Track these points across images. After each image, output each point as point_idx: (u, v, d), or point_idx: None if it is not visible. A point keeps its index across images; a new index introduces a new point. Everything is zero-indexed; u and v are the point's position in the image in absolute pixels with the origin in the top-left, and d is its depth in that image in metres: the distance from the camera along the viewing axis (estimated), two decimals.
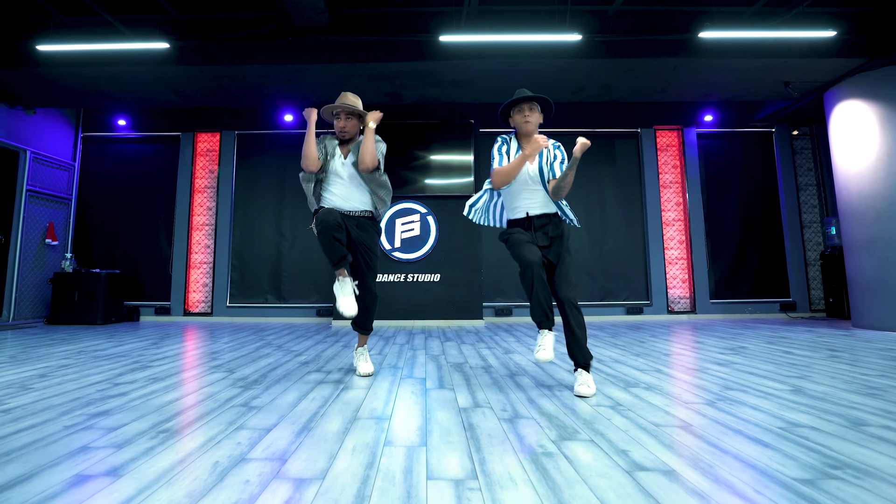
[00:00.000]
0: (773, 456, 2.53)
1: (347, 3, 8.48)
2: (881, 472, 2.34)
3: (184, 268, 11.48)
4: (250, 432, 2.95)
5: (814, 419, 3.19)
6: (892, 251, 8.43)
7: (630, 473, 2.32)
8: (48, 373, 4.85)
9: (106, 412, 3.39)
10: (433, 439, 2.83)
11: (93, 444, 2.74)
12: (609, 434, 2.90)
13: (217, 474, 2.32)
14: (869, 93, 8.85)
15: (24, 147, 10.31)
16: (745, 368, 5.01)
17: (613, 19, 8.55)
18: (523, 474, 2.32)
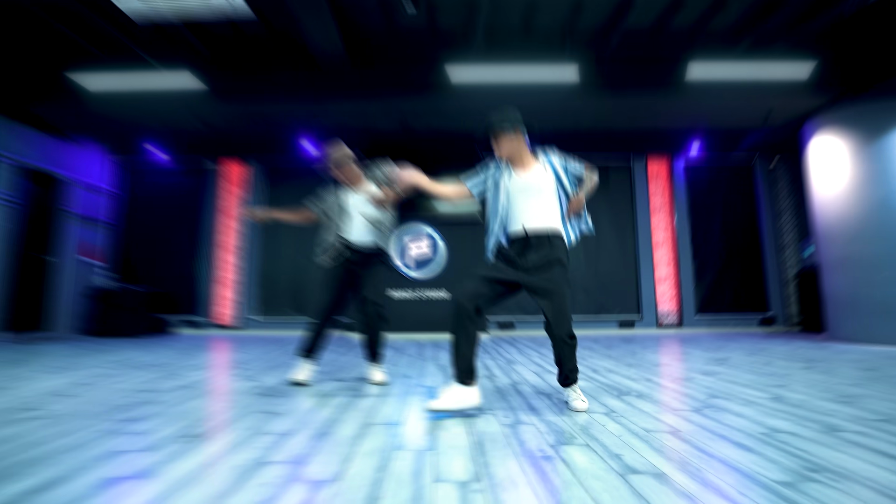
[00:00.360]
0: (755, 460, 2.49)
1: (363, 40, 8.49)
2: (856, 475, 2.30)
3: (214, 285, 11.52)
4: (271, 437, 2.93)
5: (793, 425, 3.15)
6: (864, 270, 8.38)
7: (623, 476, 2.29)
8: (86, 381, 4.84)
9: (138, 418, 3.36)
10: (441, 444, 2.80)
11: (124, 447, 2.71)
12: (603, 439, 2.86)
13: (239, 476, 2.29)
14: (843, 125, 8.80)
15: (70, 174, 10.38)
16: (729, 378, 4.97)
17: (609, 55, 8.58)
18: (524, 477, 2.29)
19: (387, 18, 7.95)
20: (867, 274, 8.36)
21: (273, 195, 11.74)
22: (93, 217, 11.05)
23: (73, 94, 8.63)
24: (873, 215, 8.35)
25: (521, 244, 3.84)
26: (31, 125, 9.45)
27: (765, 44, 8.38)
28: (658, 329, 11.31)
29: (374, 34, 8.40)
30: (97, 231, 11.21)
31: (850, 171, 8.67)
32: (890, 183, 8.30)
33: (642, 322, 11.33)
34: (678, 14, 7.94)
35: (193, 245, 11.74)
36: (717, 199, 12.00)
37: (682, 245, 11.63)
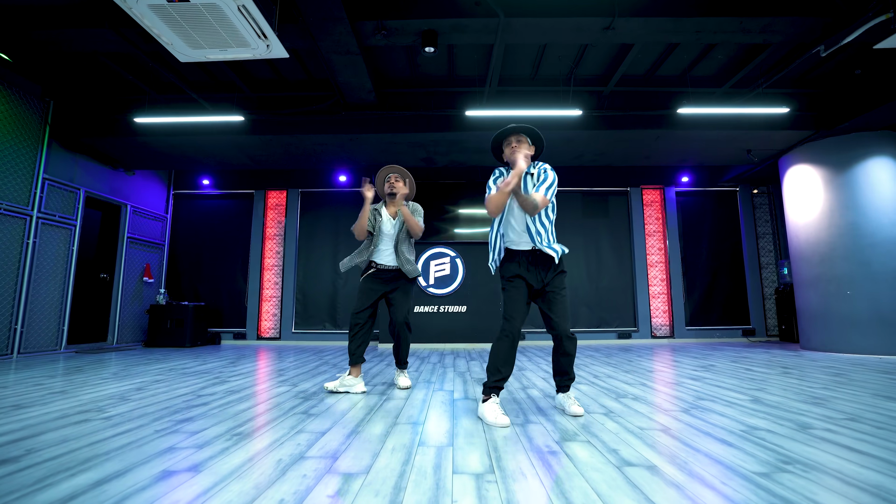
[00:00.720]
0: (736, 454, 2.51)
1: (390, 84, 8.60)
2: (824, 466, 2.32)
3: (257, 301, 11.53)
4: (309, 435, 2.97)
5: (769, 423, 3.16)
6: (833, 287, 8.41)
7: (619, 468, 2.31)
8: (144, 387, 4.88)
9: (190, 419, 3.41)
10: (459, 441, 2.83)
11: (178, 445, 2.76)
12: (602, 436, 2.88)
13: (280, 470, 2.34)
14: (816, 159, 8.85)
15: (125, 202, 10.48)
16: (714, 382, 4.95)
17: (607, 98, 8.61)
18: (532, 469, 2.32)
19: (411, 65, 8.07)
20: (836, 291, 8.40)
21: (309, 220, 11.81)
22: (150, 240, 11.16)
23: (131, 131, 8.75)
24: (842, 239, 8.40)
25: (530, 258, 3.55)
26: (96, 159, 9.59)
27: (745, 87, 8.41)
28: (652, 340, 11.24)
29: (400, 80, 8.54)
30: (153, 253, 11.33)
31: (821, 199, 8.71)
32: (857, 210, 8.34)
33: (638, 334, 11.26)
34: (667, 63, 8.03)
35: (239, 265, 11.80)
36: (705, 224, 11.96)
37: (673, 265, 11.58)
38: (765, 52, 7.42)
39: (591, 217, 11.77)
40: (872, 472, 2.26)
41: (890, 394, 4.30)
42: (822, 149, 8.80)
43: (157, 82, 8.57)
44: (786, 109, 7.86)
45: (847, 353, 8.15)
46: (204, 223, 12.05)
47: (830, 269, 8.48)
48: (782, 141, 9.02)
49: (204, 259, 11.88)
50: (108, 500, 1.99)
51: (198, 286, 11.76)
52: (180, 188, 12.11)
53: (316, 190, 11.92)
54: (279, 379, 5.43)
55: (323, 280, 11.55)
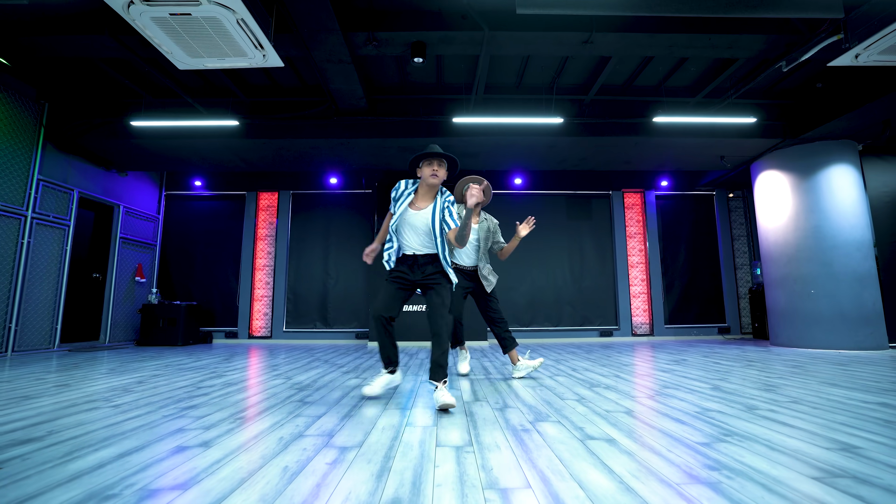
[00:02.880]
0: (686, 430, 2.81)
1: (380, 91, 8.84)
2: (758, 437, 2.63)
3: (248, 300, 11.69)
4: (306, 418, 3.22)
5: (722, 406, 3.46)
6: (799, 286, 8.81)
7: (582, 441, 2.60)
8: (144, 380, 5.05)
9: (194, 406, 3.63)
10: (443, 421, 3.11)
11: (187, 427, 2.99)
12: (572, 418, 3.17)
13: (282, 445, 2.60)
14: (783, 165, 9.25)
15: (118, 202, 10.57)
16: (682, 374, 5.24)
17: (588, 106, 8.92)
18: (506, 443, 2.60)
19: (401, 73, 8.33)
20: (801, 290, 8.80)
21: (299, 218, 12.03)
22: (143, 240, 11.29)
23: (126, 134, 8.89)
24: (806, 241, 8.82)
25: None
26: (91, 160, 9.73)
27: (717, 97, 8.75)
28: (633, 338, 11.50)
29: (390, 87, 8.79)
30: (145, 253, 11.45)
31: (789, 204, 9.12)
32: (820, 214, 8.76)
33: (619, 332, 11.52)
34: (644, 74, 8.34)
35: (231, 265, 11.95)
36: (684, 227, 12.28)
37: (653, 266, 11.86)
38: (733, 65, 7.77)
39: (575, 219, 12.05)
40: (796, 441, 2.57)
41: (835, 381, 4.65)
42: (789, 156, 9.20)
43: (153, 86, 8.72)
44: (753, 119, 8.19)
45: (811, 348, 8.55)
46: (196, 224, 12.18)
47: (796, 270, 8.88)
48: (753, 148, 9.38)
49: (196, 259, 12.01)
50: (133, 467, 2.25)
51: (190, 286, 11.89)
52: (172, 189, 12.23)
53: (307, 192, 12.10)
54: (274, 373, 5.64)
55: (314, 280, 11.72)
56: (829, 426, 2.92)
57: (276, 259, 11.81)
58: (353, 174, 11.73)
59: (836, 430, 2.83)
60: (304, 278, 11.80)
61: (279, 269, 11.75)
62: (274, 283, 11.72)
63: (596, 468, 2.21)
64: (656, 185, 12.14)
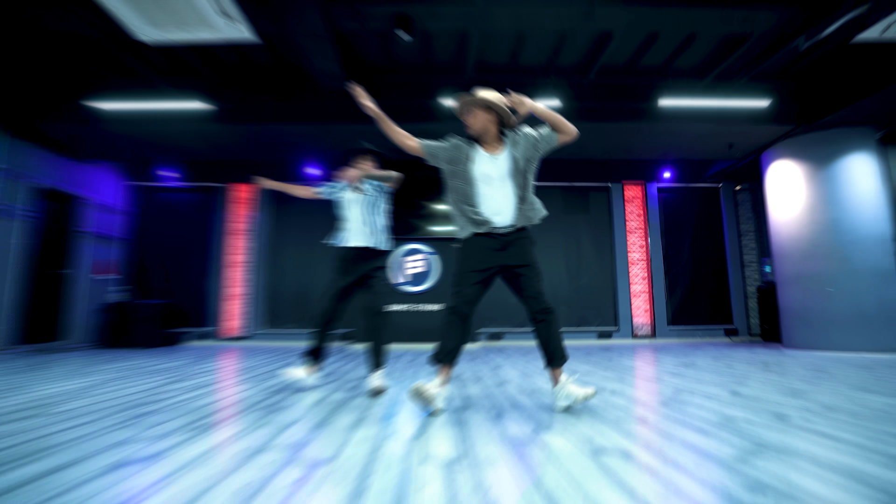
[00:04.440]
0: (711, 441, 2.56)
1: (363, 70, 8.59)
2: (797, 451, 2.39)
3: (223, 299, 11.45)
4: (273, 427, 2.97)
5: (747, 414, 3.22)
6: (815, 284, 8.58)
7: (593, 456, 2.35)
8: (98, 384, 4.81)
9: (148, 413, 3.39)
10: (429, 432, 2.86)
11: (134, 437, 2.74)
12: (577, 427, 2.92)
13: (244, 457, 2.34)
14: (797, 154, 9.01)
15: (83, 193, 10.32)
16: (694, 378, 5.02)
17: (588, 88, 8.68)
18: (503, 457, 2.35)
19: (385, 52, 8.09)
20: (817, 289, 8.56)
21: (277, 211, 11.76)
22: (106, 234, 11.02)
23: (88, 117, 8.63)
24: (823, 236, 8.57)
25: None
26: (48, 146, 9.43)
27: (726, 79, 8.54)
28: (633, 340, 11.34)
29: (374, 66, 8.54)
30: (111, 247, 11.18)
31: (803, 195, 8.88)
32: (837, 207, 8.52)
33: (619, 333, 11.35)
34: (649, 53, 8.11)
35: (203, 261, 11.69)
36: (687, 221, 12.11)
37: (655, 263, 11.70)
38: (746, 43, 7.50)
39: (571, 213, 11.85)
40: (846, 456, 2.32)
41: (867, 387, 4.41)
42: (804, 144, 8.97)
43: (117, 66, 8.43)
44: (767, 102, 8.02)
45: (829, 350, 8.31)
46: (165, 217, 11.91)
47: (812, 267, 8.65)
48: (764, 135, 9.18)
49: (164, 255, 11.74)
50: (58, 487, 1.98)
51: (161, 283, 11.58)
52: (142, 180, 11.90)
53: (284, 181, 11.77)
54: (245, 376, 5.42)
55: (295, 278, 11.51)
56: (879, 438, 2.67)
57: (253, 255, 11.56)
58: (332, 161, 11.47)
59: (889, 443, 2.58)
60: (285, 275, 11.58)
61: (256, 266, 11.51)
62: (252, 281, 11.47)
63: (615, 490, 1.94)
64: (658, 177, 11.96)
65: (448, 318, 3.62)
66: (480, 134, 3.70)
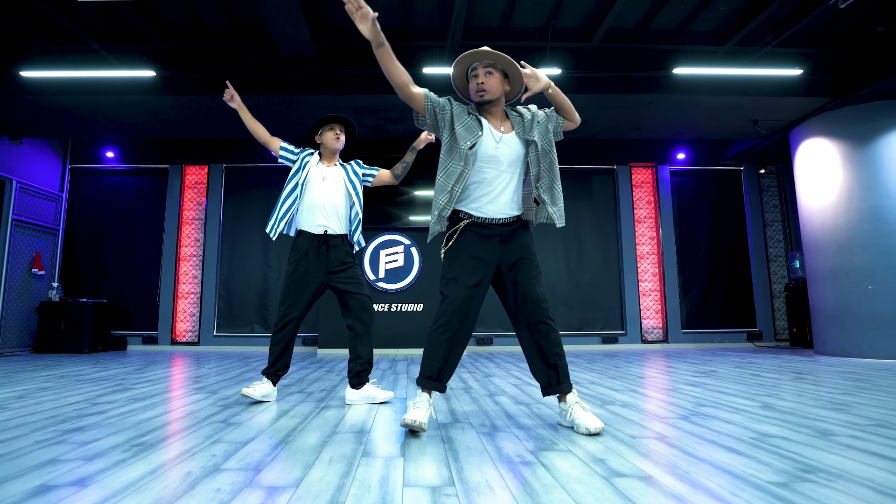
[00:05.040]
0: (747, 462, 2.48)
1: (334, 35, 8.52)
2: (852, 475, 2.30)
3: (171, 298, 11.37)
4: (226, 445, 2.87)
5: (784, 430, 3.15)
6: (852, 281, 8.53)
7: (608, 479, 2.25)
8: (26, 394, 4.73)
9: (80, 428, 3.29)
10: (411, 450, 2.76)
11: (62, 456, 2.64)
12: (586, 445, 2.84)
13: (188, 483, 2.23)
14: (832, 131, 8.97)
15: (10, 177, 10.16)
16: (717, 388, 4.97)
17: (591, 56, 8.65)
18: (501, 481, 2.25)
19: None
20: (855, 286, 8.52)
21: (233, 198, 11.64)
22: (38, 224, 10.87)
23: (17, 89, 8.49)
24: (862, 225, 8.52)
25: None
26: None
27: (751, 45, 8.49)
28: (643, 345, 11.35)
29: (346, 31, 8.45)
30: (45, 239, 11.05)
31: (839, 179, 8.83)
32: (879, 192, 8.47)
33: (626, 338, 11.36)
34: (662, 14, 8.07)
35: (149, 254, 11.61)
36: (705, 209, 12.13)
37: (667, 257, 11.71)
38: (772, 4, 7.46)
39: (571, 200, 11.82)
40: None
41: None
42: (840, 119, 8.91)
43: (50, 30, 8.34)
44: (798, 71, 7.97)
45: (869, 357, 8.29)
46: (108, 204, 11.83)
47: (849, 261, 8.60)
48: (794, 110, 9.15)
49: (107, 247, 11.66)
50: None
51: (99, 280, 11.54)
52: (79, 161, 11.85)
53: (244, 165, 11.79)
54: (195, 386, 5.33)
55: (251, 273, 11.44)
56: None
57: (206, 247, 11.50)
58: (299, 142, 11.35)
59: None
60: (240, 272, 11.52)
61: (209, 260, 11.44)
62: (203, 277, 11.41)
63: None
64: (671, 159, 11.94)
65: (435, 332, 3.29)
66: (493, 102, 3.41)
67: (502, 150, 3.35)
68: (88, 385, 5.35)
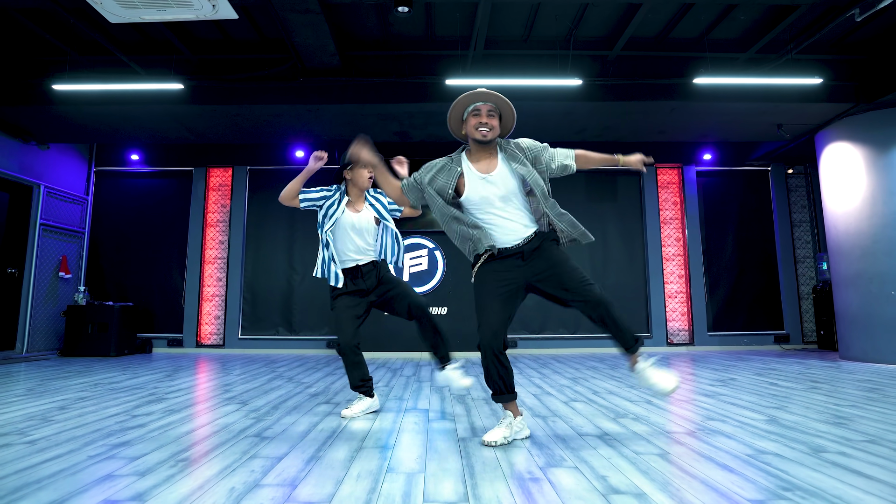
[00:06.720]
0: (735, 480, 2.75)
1: (357, 46, 8.74)
2: (825, 492, 2.56)
3: (196, 300, 11.62)
4: (263, 461, 3.17)
5: (780, 446, 3.41)
6: (876, 286, 8.66)
7: (605, 496, 2.55)
8: (67, 405, 5.02)
9: (127, 442, 3.58)
10: (431, 466, 3.06)
11: (117, 472, 2.93)
12: (592, 461, 3.12)
13: (233, 499, 2.53)
14: (856, 136, 9.10)
15: (38, 182, 10.41)
16: (730, 400, 5.21)
17: (613, 64, 8.84)
18: (510, 498, 2.55)
19: (383, 27, 8.26)
20: (878, 291, 8.65)
21: (260, 203, 11.91)
22: (65, 227, 11.15)
23: (48, 99, 8.79)
24: (885, 231, 8.64)
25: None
26: (2, 130, 9.57)
27: (773, 52, 8.66)
28: (668, 348, 11.49)
29: (369, 42, 8.70)
30: (71, 242, 11.35)
31: (863, 183, 8.96)
32: None
33: (652, 341, 11.49)
34: (683, 23, 8.25)
35: (174, 257, 11.90)
36: (731, 210, 12.22)
37: (693, 258, 11.83)
38: (794, 13, 7.62)
39: (597, 201, 11.97)
40: (875, 499, 2.51)
41: None
42: (864, 124, 9.03)
43: (80, 42, 8.63)
44: (819, 80, 8.14)
45: (892, 363, 8.39)
46: (133, 207, 12.09)
47: (872, 266, 8.74)
48: (817, 115, 9.30)
49: (132, 250, 11.94)
50: None
51: (125, 283, 11.83)
52: (104, 165, 12.15)
53: (268, 168, 12.03)
54: (226, 396, 5.62)
55: (276, 276, 11.67)
56: None
57: (231, 250, 11.77)
58: (322, 147, 11.54)
59: None
60: (264, 274, 11.75)
61: (234, 262, 11.71)
62: (227, 280, 11.68)
63: None
64: (697, 160, 12.05)
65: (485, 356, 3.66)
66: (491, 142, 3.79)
67: (490, 189, 3.71)
68: (124, 394, 5.65)
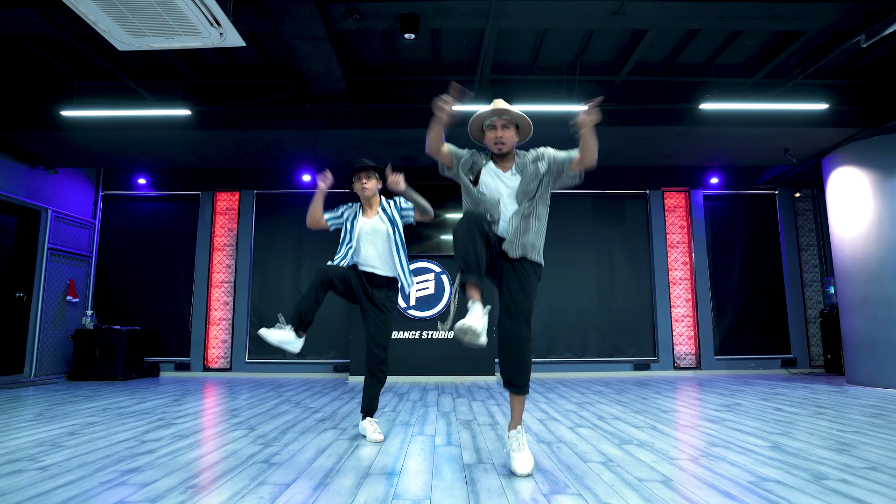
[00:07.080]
0: None
1: (364, 71, 8.88)
2: None
3: (203, 324, 11.68)
4: (271, 487, 3.23)
5: (782, 474, 3.46)
6: (883, 311, 8.70)
7: None
8: (76, 430, 5.08)
9: (137, 469, 3.64)
10: (437, 494, 3.12)
11: (128, 498, 2.99)
12: (596, 489, 3.18)
13: None
14: (863, 160, 9.16)
15: (46, 206, 10.50)
16: (734, 425, 5.26)
17: (619, 89, 8.95)
18: None
19: (390, 53, 8.40)
20: (885, 316, 8.68)
21: (266, 227, 12.02)
22: (72, 251, 11.24)
23: (56, 125, 8.89)
24: (892, 256, 8.68)
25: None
26: (11, 155, 9.68)
27: (779, 78, 8.75)
28: (675, 371, 11.50)
29: (376, 67, 8.85)
30: (79, 266, 11.44)
31: (870, 208, 9.02)
32: None
33: (658, 364, 11.52)
34: (689, 49, 8.37)
35: (181, 280, 11.97)
36: (738, 234, 12.26)
37: (700, 282, 11.86)
38: (799, 39, 7.73)
39: (603, 225, 12.04)
40: None
41: None
42: (870, 149, 9.09)
43: (88, 68, 8.76)
44: (825, 106, 8.24)
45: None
46: (140, 230, 12.17)
47: (878, 291, 8.78)
48: (824, 140, 9.38)
49: (140, 274, 12.01)
50: None
51: (132, 307, 11.90)
52: (112, 189, 12.26)
53: (275, 192, 12.13)
54: (233, 421, 5.67)
55: (282, 300, 11.65)
56: None
57: (237, 273, 11.85)
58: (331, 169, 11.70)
59: None
60: (271, 297, 11.81)
61: (240, 286, 11.78)
62: (234, 303, 11.75)
63: None
64: (704, 183, 12.11)
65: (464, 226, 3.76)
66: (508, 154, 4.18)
67: (500, 185, 4.16)
68: (132, 420, 5.71)
